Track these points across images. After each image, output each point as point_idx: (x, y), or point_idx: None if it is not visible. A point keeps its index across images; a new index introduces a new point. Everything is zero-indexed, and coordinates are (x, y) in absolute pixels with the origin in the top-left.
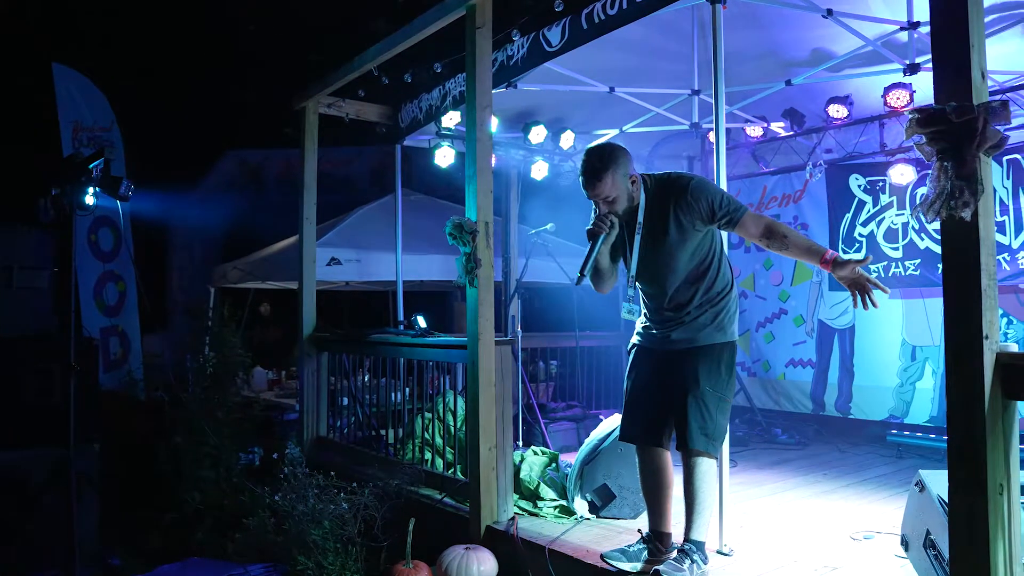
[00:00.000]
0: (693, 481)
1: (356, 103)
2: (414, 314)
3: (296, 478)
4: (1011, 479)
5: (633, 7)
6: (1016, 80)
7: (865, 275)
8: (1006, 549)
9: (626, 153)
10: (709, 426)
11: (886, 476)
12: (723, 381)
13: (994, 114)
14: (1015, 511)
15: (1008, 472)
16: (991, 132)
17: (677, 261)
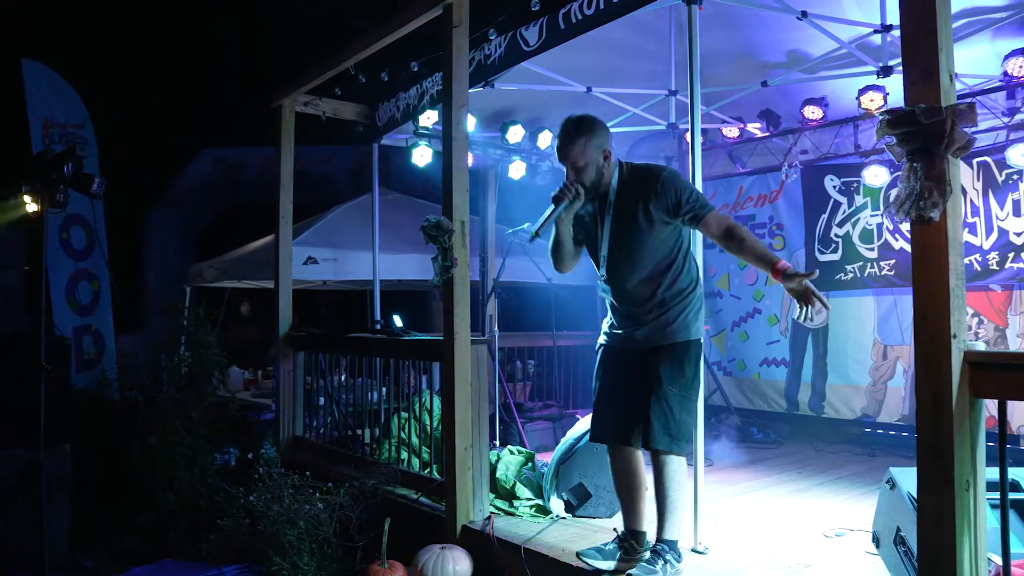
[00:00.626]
0: (662, 480)
1: (333, 101)
2: (391, 313)
3: (271, 478)
4: (977, 476)
5: (610, 7)
6: (986, 83)
7: (811, 288)
8: (972, 544)
9: (604, 127)
10: (672, 426)
11: (859, 474)
12: (687, 380)
13: (961, 116)
14: (981, 507)
15: (975, 469)
16: (959, 134)
17: (642, 252)
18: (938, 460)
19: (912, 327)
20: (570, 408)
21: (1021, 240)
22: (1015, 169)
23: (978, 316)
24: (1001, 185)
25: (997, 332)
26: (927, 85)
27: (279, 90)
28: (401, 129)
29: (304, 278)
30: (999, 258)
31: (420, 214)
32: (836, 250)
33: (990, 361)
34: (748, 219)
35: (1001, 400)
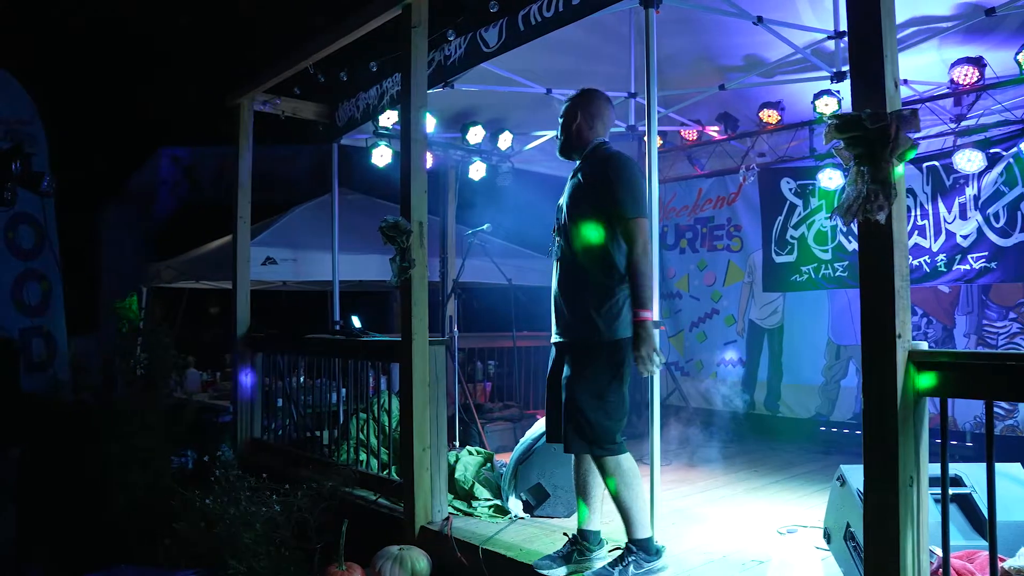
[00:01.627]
0: (605, 482)
1: (292, 101)
2: (349, 314)
3: (228, 481)
4: (920, 472)
5: (569, 10)
6: (935, 90)
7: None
8: (915, 538)
9: (598, 103)
10: (586, 429)
11: (812, 472)
12: (601, 381)
13: (905, 122)
14: (924, 502)
15: (918, 466)
16: (903, 139)
17: (575, 235)
18: (883, 457)
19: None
20: (530, 409)
21: (967, 242)
22: (961, 174)
23: (927, 316)
24: (948, 189)
25: (945, 332)
26: (873, 91)
27: (237, 88)
28: (361, 129)
29: (263, 278)
30: (947, 259)
31: (380, 214)
32: (792, 251)
33: (933, 360)
34: (708, 220)
35: (943, 398)
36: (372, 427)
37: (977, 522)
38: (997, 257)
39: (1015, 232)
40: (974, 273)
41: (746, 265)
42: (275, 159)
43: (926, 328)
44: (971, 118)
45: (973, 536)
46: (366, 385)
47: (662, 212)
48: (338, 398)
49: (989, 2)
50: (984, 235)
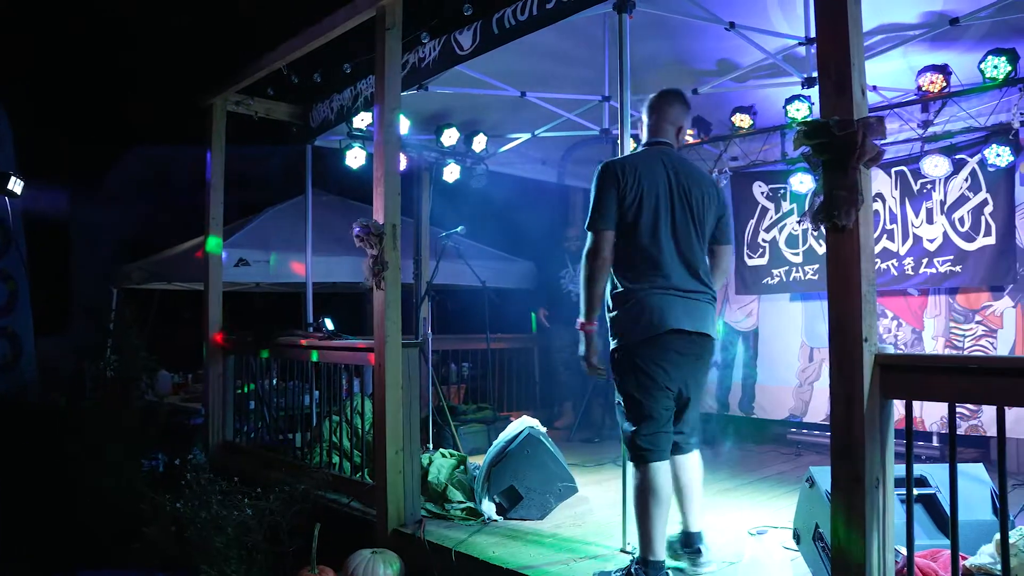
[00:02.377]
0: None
1: (266, 101)
2: (322, 316)
3: (199, 484)
4: (886, 473)
5: (543, 13)
6: (903, 96)
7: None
8: (880, 538)
9: (656, 101)
10: (623, 435)
11: (784, 473)
12: (615, 388)
13: (872, 129)
14: (889, 503)
15: (884, 467)
16: (870, 146)
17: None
18: (850, 458)
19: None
20: (504, 410)
21: (934, 246)
22: (928, 179)
23: (897, 319)
24: (916, 194)
25: (914, 335)
26: (840, 98)
27: (210, 89)
28: (335, 131)
29: (235, 280)
30: (914, 263)
31: (354, 216)
32: (763, 255)
33: (898, 363)
34: None
35: (908, 400)
36: (345, 430)
37: (941, 521)
38: (962, 261)
39: (979, 236)
40: (940, 277)
41: None
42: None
43: (896, 331)
44: (938, 124)
45: (937, 535)
46: (339, 387)
47: None
48: (311, 400)
49: (954, 12)
50: (950, 239)
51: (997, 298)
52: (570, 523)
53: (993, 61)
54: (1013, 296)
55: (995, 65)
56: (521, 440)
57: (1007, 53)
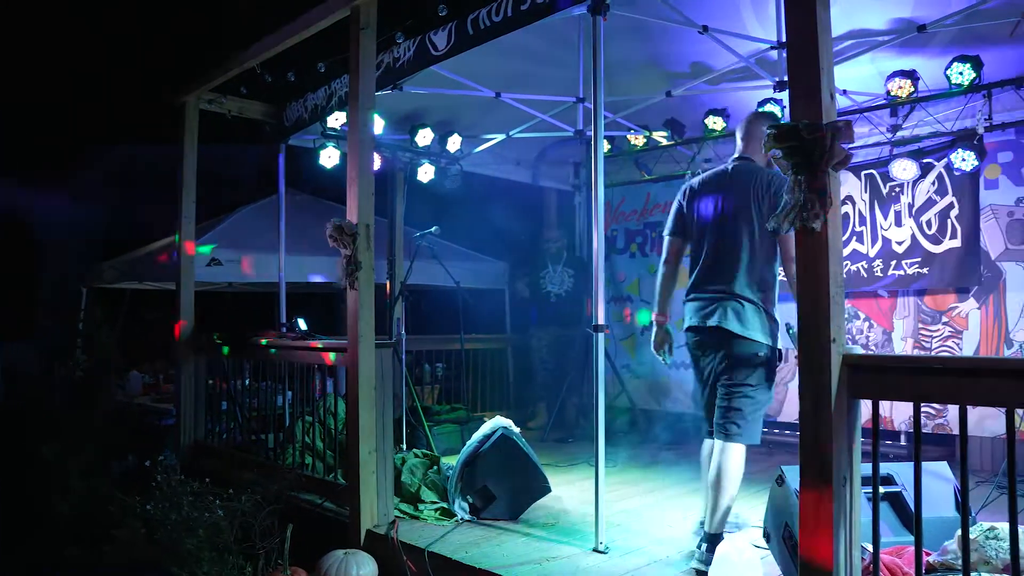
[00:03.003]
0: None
1: (239, 100)
2: (295, 316)
3: (170, 486)
4: (853, 471)
5: (518, 15)
6: (872, 101)
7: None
8: (847, 536)
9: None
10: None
11: (755, 472)
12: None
13: (840, 133)
14: (856, 501)
15: (851, 465)
16: (838, 149)
17: None
18: (818, 457)
19: None
20: (478, 411)
21: (902, 248)
22: (897, 182)
23: (869, 320)
24: (885, 197)
25: (884, 335)
26: (810, 102)
27: (183, 87)
28: (309, 130)
29: (208, 280)
30: (883, 265)
31: (328, 216)
32: None
33: (865, 364)
34: (657, 226)
35: (874, 400)
36: (318, 430)
37: (907, 519)
38: (929, 263)
39: (945, 239)
40: (908, 278)
41: None
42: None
43: (868, 332)
44: (906, 129)
45: (902, 532)
46: (312, 388)
47: (612, 216)
48: (284, 401)
49: (921, 19)
50: (918, 242)
51: (963, 300)
52: (543, 522)
53: (959, 68)
54: (978, 298)
55: (960, 72)
56: (495, 440)
57: (971, 60)
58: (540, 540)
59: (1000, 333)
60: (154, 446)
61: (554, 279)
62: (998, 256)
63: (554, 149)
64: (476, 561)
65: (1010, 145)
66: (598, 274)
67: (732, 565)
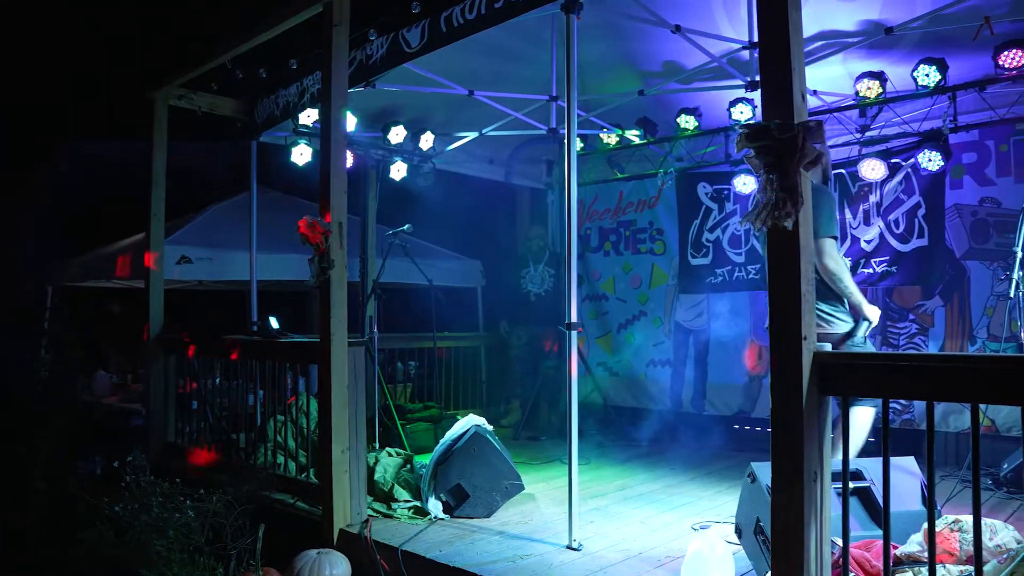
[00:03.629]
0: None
1: (209, 96)
2: (267, 315)
3: (139, 487)
4: (824, 467)
5: (492, 12)
6: (842, 101)
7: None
8: (818, 530)
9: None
10: None
11: (728, 468)
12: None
13: (811, 133)
14: (826, 496)
15: (821, 461)
16: (809, 149)
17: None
18: (789, 454)
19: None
20: (451, 409)
21: (870, 247)
22: (865, 182)
23: None
24: (854, 196)
25: None
26: (781, 103)
27: (152, 82)
28: (281, 127)
29: (178, 278)
30: (852, 264)
31: (300, 213)
32: (707, 254)
33: (835, 362)
34: (630, 224)
35: (844, 397)
36: (290, 429)
37: (875, 513)
38: (897, 261)
39: (913, 238)
40: (877, 276)
41: (670, 268)
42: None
43: None
44: (874, 129)
45: (871, 526)
46: (284, 386)
47: (585, 215)
48: (255, 400)
49: (889, 21)
50: (886, 240)
51: (928, 297)
52: (517, 520)
53: (925, 70)
54: (943, 296)
55: (926, 73)
56: (468, 438)
57: (937, 63)
58: (513, 538)
59: (964, 330)
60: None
61: (535, 278)
62: (963, 255)
63: (527, 147)
64: (450, 559)
65: (974, 146)
66: (571, 272)
67: (705, 560)
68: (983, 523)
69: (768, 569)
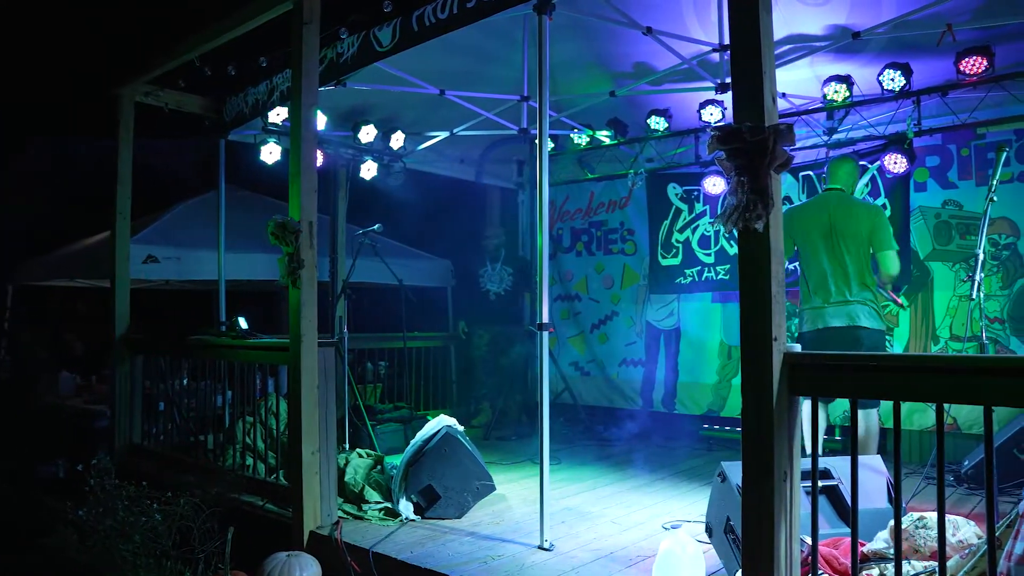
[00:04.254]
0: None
1: (177, 93)
2: (236, 315)
3: (104, 490)
4: (793, 466)
5: (464, 12)
6: (810, 104)
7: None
8: (787, 529)
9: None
10: None
11: (697, 468)
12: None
13: (782, 136)
14: (796, 495)
15: (791, 461)
16: (780, 151)
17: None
18: (759, 453)
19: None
20: (421, 409)
21: None
22: None
23: None
24: None
25: None
26: (752, 105)
27: (118, 78)
28: (250, 125)
29: (144, 277)
30: None
31: (268, 212)
32: (677, 255)
33: (805, 362)
34: (602, 224)
35: (813, 397)
36: (259, 430)
37: (843, 511)
38: None
39: None
40: None
41: (641, 268)
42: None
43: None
44: (841, 132)
45: (839, 524)
46: (253, 387)
47: (556, 215)
48: (223, 401)
49: (856, 26)
50: None
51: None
52: (488, 521)
53: (890, 74)
54: (908, 296)
55: (891, 78)
56: (438, 439)
57: (902, 67)
58: (485, 539)
59: (928, 330)
60: (87, 449)
61: (493, 277)
62: (926, 256)
63: (498, 147)
64: (421, 561)
65: (937, 150)
66: (543, 273)
67: (676, 559)
68: (946, 519)
69: (738, 567)
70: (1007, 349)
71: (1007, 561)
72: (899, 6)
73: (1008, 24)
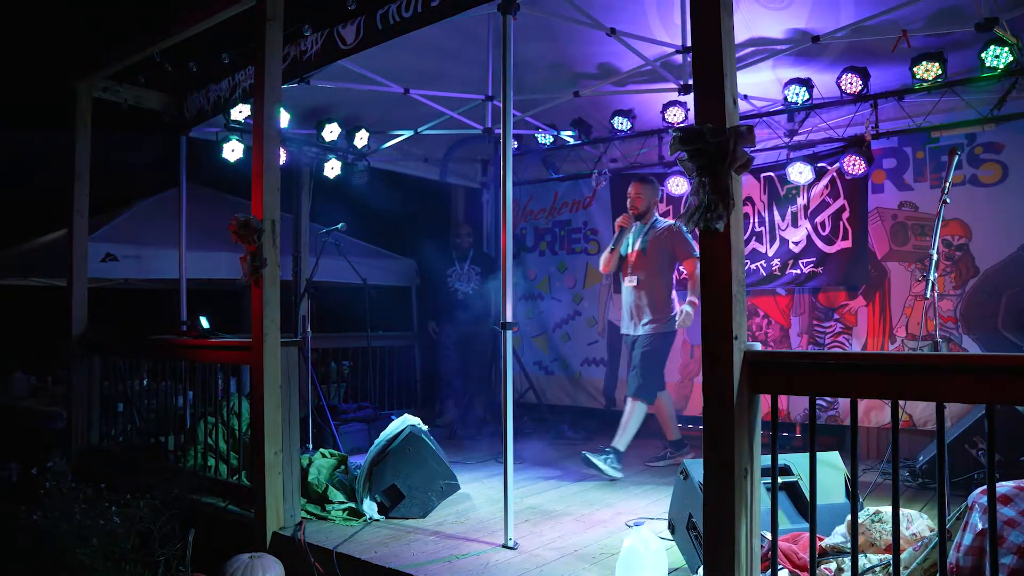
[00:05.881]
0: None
1: (136, 89)
2: (198, 314)
3: (60, 493)
4: (754, 463)
5: (428, 11)
6: (770, 106)
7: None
8: (748, 524)
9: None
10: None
11: (660, 466)
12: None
13: (742, 137)
14: (756, 492)
15: (752, 457)
16: (740, 153)
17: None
18: (720, 450)
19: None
20: (385, 409)
21: (798, 248)
22: (793, 184)
23: (767, 317)
24: (783, 198)
25: (782, 332)
26: (714, 106)
27: (75, 72)
28: (212, 122)
29: (102, 276)
30: (781, 264)
31: (230, 210)
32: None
33: (765, 360)
34: (565, 224)
35: (773, 395)
36: (221, 431)
37: (802, 506)
38: (823, 263)
39: (838, 240)
40: (804, 277)
41: None
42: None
43: (767, 328)
44: (802, 134)
45: (798, 519)
46: (215, 387)
47: (520, 214)
48: (184, 401)
49: (815, 30)
50: (812, 242)
51: (852, 297)
52: (452, 520)
53: (849, 78)
54: (866, 296)
55: (851, 81)
56: (403, 438)
57: (860, 72)
58: (449, 538)
59: (885, 329)
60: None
61: (462, 276)
62: (883, 256)
63: (461, 147)
64: (385, 561)
65: (893, 152)
66: (507, 272)
67: (639, 556)
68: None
69: (700, 563)
70: (960, 348)
71: (956, 552)
72: (857, 11)
73: (957, 32)
